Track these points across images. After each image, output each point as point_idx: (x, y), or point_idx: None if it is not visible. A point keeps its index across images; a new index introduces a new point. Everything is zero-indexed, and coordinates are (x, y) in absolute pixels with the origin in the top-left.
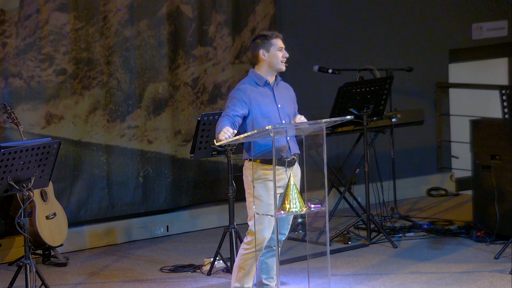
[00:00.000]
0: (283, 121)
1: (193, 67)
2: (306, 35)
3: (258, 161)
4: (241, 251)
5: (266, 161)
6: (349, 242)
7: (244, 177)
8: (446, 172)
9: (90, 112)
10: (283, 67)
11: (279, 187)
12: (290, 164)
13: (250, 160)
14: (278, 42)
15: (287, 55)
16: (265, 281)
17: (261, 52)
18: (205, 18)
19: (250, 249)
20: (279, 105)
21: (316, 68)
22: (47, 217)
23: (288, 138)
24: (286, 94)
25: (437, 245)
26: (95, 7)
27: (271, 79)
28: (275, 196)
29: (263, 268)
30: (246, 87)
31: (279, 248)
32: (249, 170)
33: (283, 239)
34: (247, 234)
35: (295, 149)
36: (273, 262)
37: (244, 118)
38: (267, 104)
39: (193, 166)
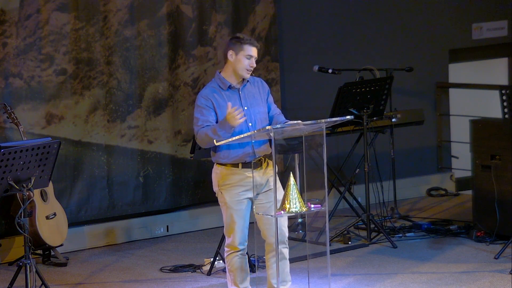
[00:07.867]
0: (250, 124)
1: (193, 67)
2: (306, 35)
3: (228, 165)
4: (225, 254)
5: (234, 165)
6: (349, 242)
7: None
8: (446, 172)
9: (90, 112)
10: (246, 75)
11: (246, 191)
12: (257, 165)
13: (219, 164)
14: (249, 50)
15: (254, 65)
16: (275, 286)
17: (230, 52)
18: (205, 18)
19: (230, 251)
20: (245, 108)
21: (316, 68)
22: (47, 217)
23: (253, 142)
24: (255, 93)
25: (437, 245)
26: (95, 7)
27: (236, 82)
28: (275, 196)
29: (270, 273)
30: (208, 92)
31: (278, 249)
32: (215, 174)
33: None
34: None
35: (260, 151)
36: (280, 266)
37: None
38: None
39: (193, 166)
